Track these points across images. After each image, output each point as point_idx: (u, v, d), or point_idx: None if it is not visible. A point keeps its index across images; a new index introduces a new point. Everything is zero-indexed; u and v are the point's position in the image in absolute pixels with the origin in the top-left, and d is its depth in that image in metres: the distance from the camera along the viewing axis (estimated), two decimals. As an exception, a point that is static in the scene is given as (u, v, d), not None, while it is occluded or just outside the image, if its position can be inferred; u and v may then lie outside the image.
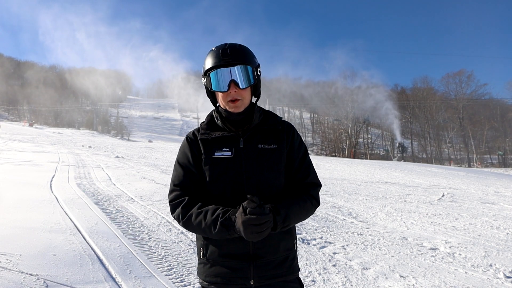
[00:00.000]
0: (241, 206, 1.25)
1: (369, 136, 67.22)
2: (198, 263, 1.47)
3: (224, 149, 1.43)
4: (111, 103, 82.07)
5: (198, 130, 1.53)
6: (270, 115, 1.55)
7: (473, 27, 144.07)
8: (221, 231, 1.28)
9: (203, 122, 1.54)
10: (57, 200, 6.02)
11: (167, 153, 19.98)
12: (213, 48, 1.45)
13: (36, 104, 76.51)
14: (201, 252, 1.44)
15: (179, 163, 1.49)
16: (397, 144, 51.42)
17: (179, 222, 1.40)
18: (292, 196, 1.43)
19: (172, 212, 1.43)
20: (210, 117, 1.54)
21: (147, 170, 11.03)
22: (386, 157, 53.50)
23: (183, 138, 1.58)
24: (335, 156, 55.98)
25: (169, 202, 1.45)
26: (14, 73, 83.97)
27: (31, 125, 58.99)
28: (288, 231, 1.44)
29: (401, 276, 3.55)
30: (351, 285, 3.34)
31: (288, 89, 71.35)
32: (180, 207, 1.40)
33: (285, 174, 1.49)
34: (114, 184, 8.05)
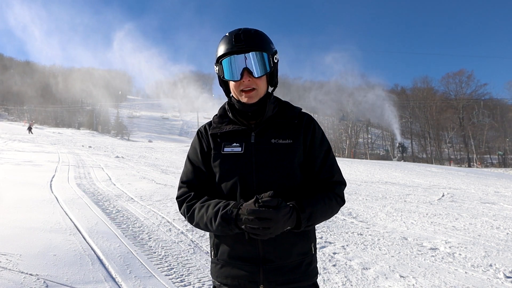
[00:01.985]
0: (255, 197, 1.15)
1: (369, 136, 67.22)
2: (211, 262, 1.43)
3: (235, 144, 1.35)
4: (111, 103, 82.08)
5: (210, 123, 1.45)
6: (287, 106, 1.43)
7: (473, 27, 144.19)
8: (222, 225, 1.21)
9: (216, 115, 1.46)
10: (57, 200, 6.02)
11: (167, 153, 19.99)
12: (226, 34, 1.35)
13: (36, 104, 76.53)
14: (212, 252, 1.39)
15: (189, 159, 1.44)
16: (397, 144, 51.44)
17: (185, 218, 1.37)
18: (317, 193, 1.32)
19: (179, 208, 1.40)
20: (222, 109, 1.45)
21: (147, 170, 11.03)
22: (386, 157, 53.49)
23: (183, 138, 1.56)
24: (335, 156, 55.89)
25: (176, 198, 1.42)
26: (14, 73, 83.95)
27: (31, 125, 58.89)
28: (304, 233, 1.33)
29: (401, 276, 3.55)
30: (351, 285, 3.34)
31: (287, 89, 71.41)
32: (185, 203, 1.36)
33: (305, 172, 1.38)
34: (114, 184, 8.05)
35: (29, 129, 40.53)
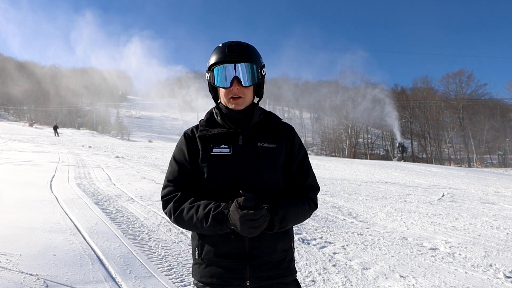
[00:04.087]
0: (235, 201, 1.23)
1: (369, 136, 67.22)
2: (193, 264, 1.45)
3: (223, 145, 1.41)
4: (111, 103, 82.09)
5: (197, 127, 1.51)
6: (271, 115, 1.54)
7: (474, 27, 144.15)
8: (213, 225, 1.27)
9: (202, 119, 1.52)
10: (57, 200, 6.02)
11: (167, 153, 19.97)
12: (219, 45, 1.44)
13: (36, 104, 76.53)
14: (196, 252, 1.42)
15: (175, 159, 1.48)
16: (397, 144, 51.40)
17: (170, 217, 1.39)
18: (291, 197, 1.41)
19: (164, 207, 1.42)
20: (209, 114, 1.52)
21: (147, 170, 11.03)
22: (386, 157, 53.49)
23: None
24: (335, 156, 56.00)
25: (162, 198, 1.44)
26: (14, 73, 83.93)
27: (31, 125, 58.94)
28: (286, 231, 1.42)
29: (401, 276, 3.55)
30: (351, 285, 3.34)
31: (288, 89, 71.48)
32: (172, 202, 1.39)
33: (283, 175, 1.47)
34: (114, 184, 8.05)
35: (55, 128, 38.11)
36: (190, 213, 1.33)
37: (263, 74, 1.46)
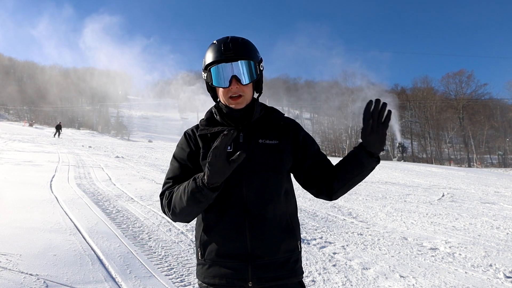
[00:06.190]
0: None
1: (369, 136, 67.18)
2: (197, 264, 1.44)
3: None
4: (111, 103, 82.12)
5: (197, 126, 1.50)
6: (272, 111, 1.51)
7: (473, 27, 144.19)
8: (191, 185, 1.24)
9: (203, 118, 1.51)
10: (57, 200, 6.02)
11: (167, 153, 19.97)
12: (214, 42, 1.40)
13: (35, 104, 76.55)
14: (199, 253, 1.40)
15: (175, 157, 1.47)
16: (397, 144, 51.40)
17: (164, 209, 1.37)
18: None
19: (161, 202, 1.40)
20: (209, 113, 1.50)
21: (147, 170, 11.03)
22: (386, 157, 53.46)
23: None
24: (335, 156, 55.97)
25: (160, 195, 1.42)
26: (14, 73, 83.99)
27: (31, 125, 58.94)
28: (291, 231, 1.39)
29: (401, 276, 3.55)
30: (351, 285, 3.34)
31: (288, 88, 71.54)
32: (166, 191, 1.38)
33: (304, 168, 1.46)
34: (114, 184, 8.05)
35: (58, 128, 35.02)
36: (178, 190, 1.31)
37: (261, 69, 1.43)
